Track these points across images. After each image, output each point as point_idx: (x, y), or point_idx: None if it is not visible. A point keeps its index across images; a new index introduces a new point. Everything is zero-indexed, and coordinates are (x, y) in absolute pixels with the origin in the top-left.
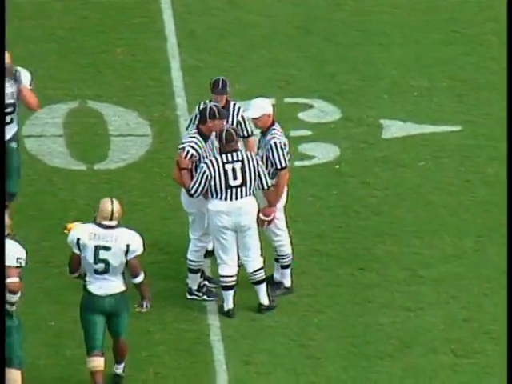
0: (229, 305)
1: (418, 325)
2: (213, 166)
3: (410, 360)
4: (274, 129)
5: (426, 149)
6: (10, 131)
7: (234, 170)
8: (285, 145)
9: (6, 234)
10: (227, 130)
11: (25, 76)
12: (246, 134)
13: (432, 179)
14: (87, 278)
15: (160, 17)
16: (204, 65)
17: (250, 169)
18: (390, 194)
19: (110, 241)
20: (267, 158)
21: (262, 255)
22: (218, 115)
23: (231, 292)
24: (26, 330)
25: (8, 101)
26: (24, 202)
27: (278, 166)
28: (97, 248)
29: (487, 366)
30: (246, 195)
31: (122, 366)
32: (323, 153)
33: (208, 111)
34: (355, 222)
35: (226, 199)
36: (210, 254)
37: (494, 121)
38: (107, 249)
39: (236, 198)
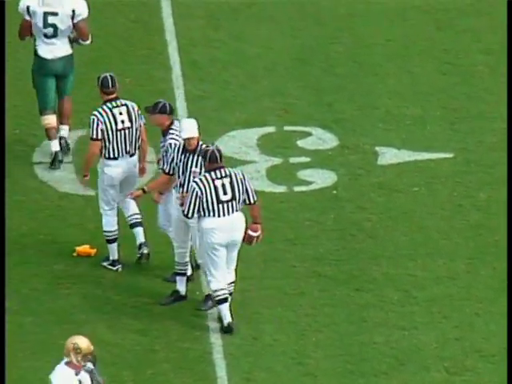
0: (227, 319)
1: (411, 343)
2: (203, 184)
3: (404, 377)
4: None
5: (419, 175)
6: None
7: (223, 185)
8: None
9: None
10: (213, 151)
11: None
12: None
13: (425, 204)
14: (37, 43)
15: (165, 49)
16: (207, 94)
17: (237, 183)
18: (384, 218)
19: (57, 7)
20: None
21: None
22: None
23: (226, 305)
24: (38, 349)
25: None
26: (35, 227)
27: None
28: (45, 14)
29: None
30: (236, 210)
31: (67, 127)
32: (321, 178)
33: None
34: (351, 244)
35: (218, 215)
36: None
37: (485, 148)
38: (55, 14)
39: (228, 214)
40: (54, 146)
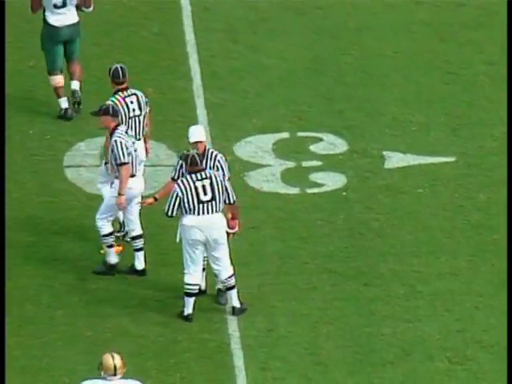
0: (189, 310)
1: (416, 335)
2: (184, 185)
3: (409, 366)
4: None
5: (423, 177)
6: None
7: (203, 186)
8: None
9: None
10: (193, 155)
11: None
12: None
13: (429, 205)
14: (46, 13)
15: (186, 60)
16: (226, 103)
17: (217, 184)
18: (391, 218)
19: None
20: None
21: (232, 264)
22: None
23: (193, 299)
24: (68, 340)
25: None
26: (65, 226)
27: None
28: None
29: (479, 372)
30: (217, 210)
31: (77, 82)
32: (332, 181)
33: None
34: (360, 242)
35: (198, 214)
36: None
37: (485, 152)
38: None
39: (208, 213)
40: (63, 103)
